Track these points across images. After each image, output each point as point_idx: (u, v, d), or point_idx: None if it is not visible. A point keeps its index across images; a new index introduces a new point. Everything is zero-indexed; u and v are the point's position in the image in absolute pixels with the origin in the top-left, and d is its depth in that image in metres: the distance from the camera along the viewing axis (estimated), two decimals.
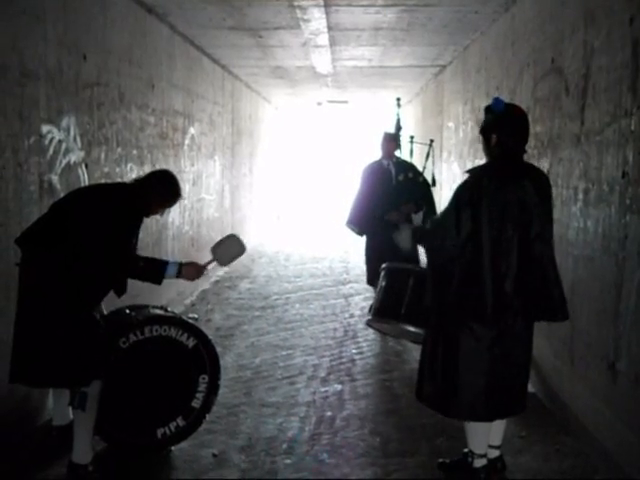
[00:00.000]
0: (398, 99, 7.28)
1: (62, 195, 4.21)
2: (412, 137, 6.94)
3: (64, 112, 4.52)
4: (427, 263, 3.70)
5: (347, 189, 8.84)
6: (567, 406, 4.37)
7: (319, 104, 15.79)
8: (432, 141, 6.51)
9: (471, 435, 3.60)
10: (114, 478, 3.73)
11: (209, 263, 3.93)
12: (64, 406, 3.83)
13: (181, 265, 3.74)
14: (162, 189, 3.78)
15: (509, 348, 3.41)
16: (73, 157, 4.68)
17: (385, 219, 6.41)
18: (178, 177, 3.96)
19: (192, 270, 3.79)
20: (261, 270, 10.48)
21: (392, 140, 6.71)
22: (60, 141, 4.47)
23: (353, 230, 6.90)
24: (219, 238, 4.03)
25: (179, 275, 3.72)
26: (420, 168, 6.52)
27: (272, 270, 10.49)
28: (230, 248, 3.97)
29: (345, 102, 15.27)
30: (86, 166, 4.88)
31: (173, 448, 3.95)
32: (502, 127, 3.47)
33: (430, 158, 6.29)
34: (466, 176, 3.58)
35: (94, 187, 4.23)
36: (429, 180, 6.68)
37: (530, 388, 4.67)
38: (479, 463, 3.59)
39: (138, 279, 3.69)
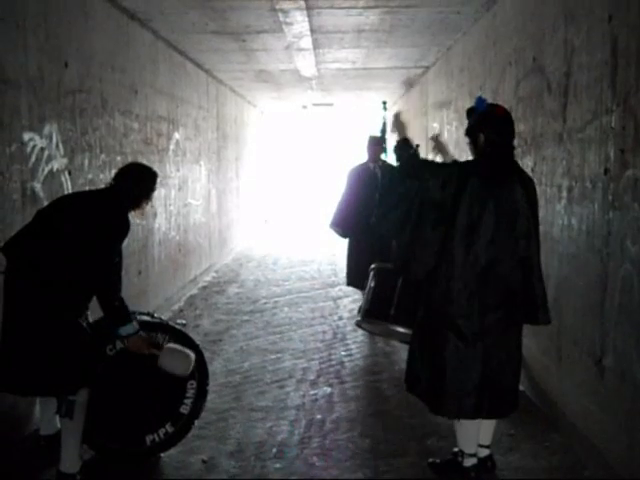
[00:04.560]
0: (384, 102, 7.31)
1: (46, 203, 4.19)
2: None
3: (46, 119, 4.49)
4: None
5: (333, 192, 8.84)
6: (555, 403, 4.39)
7: (304, 107, 15.79)
8: (418, 146, 6.53)
9: (461, 434, 3.61)
10: None
11: (154, 351, 3.72)
12: (51, 415, 3.81)
13: (135, 332, 3.62)
14: (137, 180, 3.80)
15: (494, 346, 3.41)
16: (56, 164, 4.65)
17: (370, 223, 6.47)
18: (164, 182, 3.95)
19: (137, 343, 3.66)
20: (249, 274, 10.46)
21: (377, 144, 6.77)
22: (42, 149, 4.44)
23: (337, 232, 6.98)
24: (180, 348, 3.77)
25: (125, 338, 3.63)
26: None
27: (260, 274, 10.47)
28: (178, 362, 3.73)
29: (330, 105, 15.27)
30: (69, 173, 4.85)
31: (162, 455, 3.93)
32: (488, 125, 3.47)
33: None
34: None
35: (79, 194, 4.22)
36: None
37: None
38: (469, 462, 3.61)
39: (103, 310, 3.58)
